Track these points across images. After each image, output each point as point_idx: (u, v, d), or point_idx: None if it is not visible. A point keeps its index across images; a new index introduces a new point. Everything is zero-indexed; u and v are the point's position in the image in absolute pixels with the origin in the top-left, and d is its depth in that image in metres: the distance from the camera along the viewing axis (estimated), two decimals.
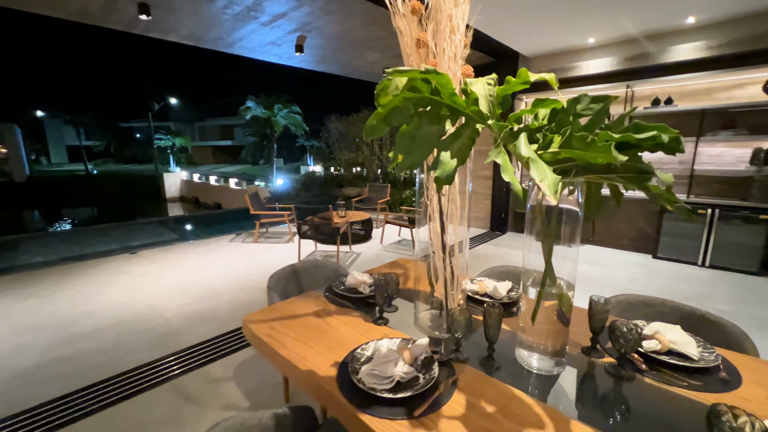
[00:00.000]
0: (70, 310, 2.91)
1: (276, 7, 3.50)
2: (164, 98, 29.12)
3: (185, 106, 36.00)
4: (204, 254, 4.50)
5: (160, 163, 26.55)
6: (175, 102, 30.47)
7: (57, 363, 2.18)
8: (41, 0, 3.27)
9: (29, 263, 4.43)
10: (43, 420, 1.71)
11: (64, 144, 38.01)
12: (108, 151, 36.89)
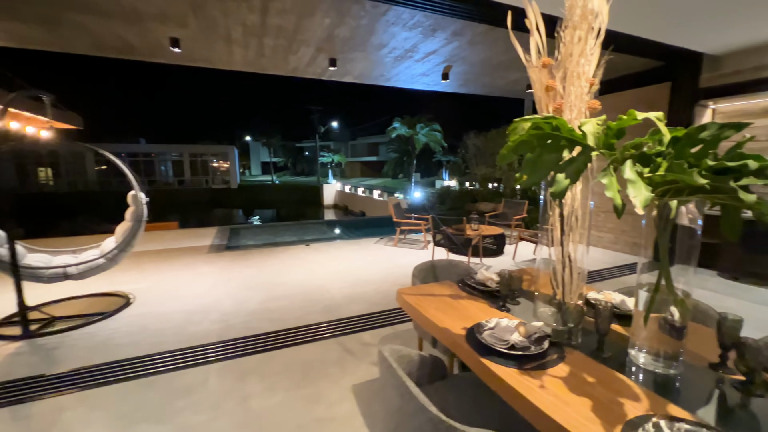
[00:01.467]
0: (272, 278, 4.13)
1: (429, 47, 4.12)
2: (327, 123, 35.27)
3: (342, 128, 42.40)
4: (355, 251, 5.47)
5: (321, 175, 32.14)
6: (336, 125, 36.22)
7: (268, 311, 3.20)
8: (273, 65, 4.83)
9: (245, 245, 6.31)
10: (263, 343, 2.61)
11: (260, 160, 49.98)
12: (286, 165, 46.83)
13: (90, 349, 2.53)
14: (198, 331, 2.80)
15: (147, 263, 4.74)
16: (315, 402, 1.95)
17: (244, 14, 3.28)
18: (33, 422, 1.80)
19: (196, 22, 3.45)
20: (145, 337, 2.69)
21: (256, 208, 25.55)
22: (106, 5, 3.11)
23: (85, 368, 2.28)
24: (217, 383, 2.13)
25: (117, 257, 3.39)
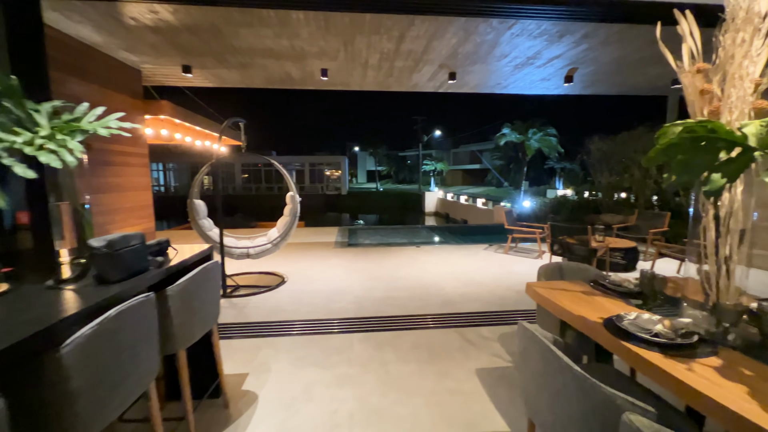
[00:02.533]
0: (391, 273, 4.62)
1: (553, 52, 4.08)
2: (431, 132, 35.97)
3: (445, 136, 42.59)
4: (465, 256, 5.63)
5: (422, 183, 32.86)
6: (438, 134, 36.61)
7: (392, 298, 3.64)
8: (398, 83, 5.41)
9: (363, 243, 7.09)
10: (391, 323, 3.03)
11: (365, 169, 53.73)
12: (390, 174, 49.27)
13: (267, 310, 3.35)
14: (339, 307, 3.40)
15: (291, 252, 5.80)
16: (444, 376, 2.24)
17: (383, 44, 3.86)
18: (241, 353, 2.54)
19: (344, 55, 4.20)
20: (301, 307, 3.41)
21: (361, 213, 27.68)
22: (283, 50, 4.07)
23: (267, 322, 3.05)
24: (360, 348, 2.60)
25: (279, 244, 4.33)
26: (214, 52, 4.19)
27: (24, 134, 1.36)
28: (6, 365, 0.82)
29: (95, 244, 1.25)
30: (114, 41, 3.89)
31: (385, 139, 46.02)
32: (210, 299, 1.70)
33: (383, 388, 2.12)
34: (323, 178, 34.99)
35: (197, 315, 1.56)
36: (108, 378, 1.03)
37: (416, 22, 3.26)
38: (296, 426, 1.79)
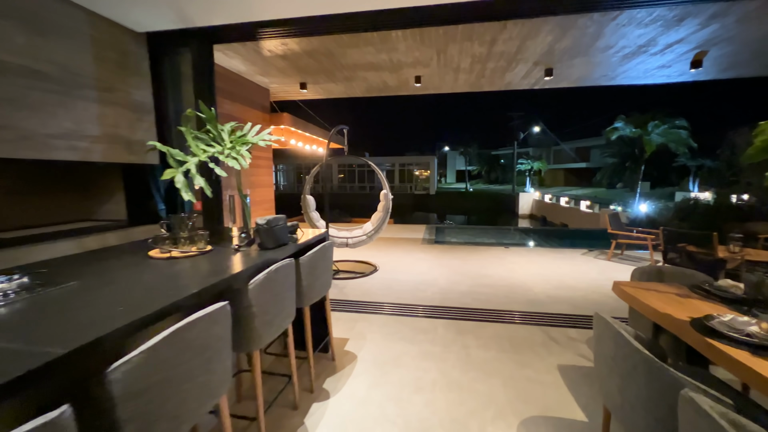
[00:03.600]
0: (477, 271, 4.72)
1: (671, 37, 3.65)
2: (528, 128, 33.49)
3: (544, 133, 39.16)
4: (558, 259, 5.35)
5: (517, 183, 30.89)
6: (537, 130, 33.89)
7: (476, 293, 3.78)
8: (490, 84, 5.45)
9: (450, 241, 7.24)
10: (474, 314, 3.20)
11: (455, 168, 52.77)
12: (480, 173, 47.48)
13: (362, 291, 3.85)
14: (425, 296, 3.71)
15: (381, 245, 6.33)
16: (523, 366, 2.35)
17: (475, 49, 4.01)
18: (342, 323, 3.04)
19: (437, 62, 4.47)
20: (391, 292, 3.81)
21: (449, 213, 27.44)
22: (382, 63, 4.55)
23: (362, 301, 3.53)
24: (443, 332, 2.86)
25: (373, 236, 4.84)
26: (326, 70, 4.90)
27: (217, 147, 2.00)
28: (224, 291, 1.34)
29: (260, 221, 1.79)
30: (253, 68, 4.90)
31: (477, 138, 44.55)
32: (326, 270, 2.17)
33: (463, 366, 2.34)
34: (412, 178, 35.70)
35: (318, 281, 2.04)
36: (271, 309, 1.52)
37: (508, 26, 3.33)
38: (387, 382, 2.15)
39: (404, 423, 1.80)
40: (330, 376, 2.23)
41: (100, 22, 2.88)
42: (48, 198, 3.06)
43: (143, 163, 3.33)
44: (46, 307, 1.06)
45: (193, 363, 1.01)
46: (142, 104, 3.30)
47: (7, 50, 2.26)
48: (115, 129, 3.03)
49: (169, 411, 0.94)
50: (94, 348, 0.85)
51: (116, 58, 3.03)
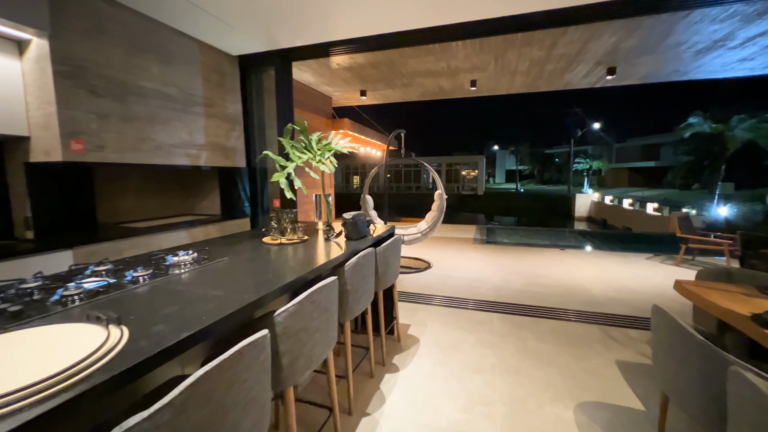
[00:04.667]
0: (532, 271, 4.76)
1: (753, 31, 3.43)
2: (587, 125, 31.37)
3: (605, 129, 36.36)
4: (619, 263, 5.18)
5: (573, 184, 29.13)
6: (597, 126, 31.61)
7: (531, 291, 3.87)
8: (547, 84, 5.42)
9: (502, 242, 7.25)
10: (530, 310, 3.31)
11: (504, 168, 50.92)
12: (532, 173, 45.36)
13: (418, 285, 4.12)
14: (480, 291, 3.88)
15: (434, 244, 6.54)
16: (580, 359, 2.46)
17: (534, 53, 4.09)
18: (404, 311, 3.32)
19: (494, 66, 4.60)
20: (447, 287, 4.03)
21: (498, 214, 26.66)
22: (440, 70, 4.78)
23: (419, 294, 3.80)
24: (500, 324, 3.03)
25: (427, 235, 5.09)
26: (385, 78, 5.25)
27: (309, 154, 2.40)
28: (331, 270, 1.69)
29: (347, 217, 2.14)
30: (321, 80, 5.39)
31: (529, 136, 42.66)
32: (396, 260, 2.47)
33: (521, 355, 2.51)
34: (459, 178, 35.19)
35: (390, 269, 2.35)
36: (359, 288, 1.85)
37: (569, 29, 3.38)
38: (449, 363, 2.40)
39: (467, 396, 2.04)
40: (397, 354, 2.53)
41: (207, 50, 3.47)
42: (161, 196, 3.73)
43: (234, 167, 3.91)
44: (219, 273, 1.47)
45: (319, 319, 1.35)
46: (234, 116, 3.87)
47: (146, 78, 2.87)
48: (215, 138, 3.61)
49: (305, 353, 1.29)
50: (263, 300, 1.21)
51: (217, 78, 3.62)
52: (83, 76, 2.42)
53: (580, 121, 32.18)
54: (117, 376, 0.71)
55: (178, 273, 1.43)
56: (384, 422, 1.82)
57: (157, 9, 2.77)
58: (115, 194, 3.26)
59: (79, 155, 2.40)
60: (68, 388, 0.66)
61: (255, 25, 3.10)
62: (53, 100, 2.26)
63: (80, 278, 1.26)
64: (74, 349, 0.76)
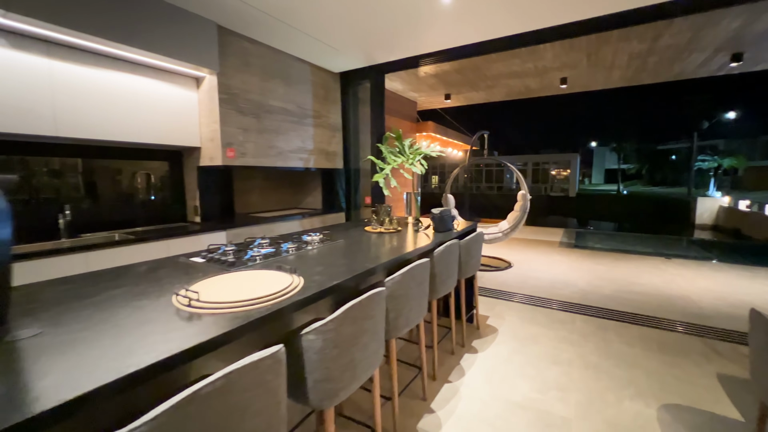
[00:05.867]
0: (624, 278, 4.46)
1: None
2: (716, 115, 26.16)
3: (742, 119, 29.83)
4: (743, 278, 4.49)
5: (694, 186, 24.67)
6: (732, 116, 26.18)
7: (621, 298, 3.68)
8: (652, 76, 4.95)
9: (593, 247, 6.76)
10: (619, 316, 3.20)
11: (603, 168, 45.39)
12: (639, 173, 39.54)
13: (497, 282, 4.23)
14: (562, 293, 3.84)
15: (514, 245, 6.46)
16: (672, 366, 2.38)
17: (633, 47, 3.86)
18: (482, 304, 3.51)
19: (587, 63, 4.44)
20: (527, 286, 4.07)
21: (594, 219, 24.02)
22: (526, 70, 4.79)
23: (498, 290, 3.93)
24: (582, 325, 3.03)
25: (508, 234, 5.12)
26: (470, 82, 5.42)
27: (402, 158, 2.78)
28: (421, 255, 2.04)
29: (435, 211, 2.47)
30: (408, 87, 5.82)
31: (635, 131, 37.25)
32: (477, 253, 2.71)
33: (602, 354, 2.53)
34: (547, 178, 32.61)
35: (472, 260, 2.60)
36: (445, 272, 2.16)
37: (676, 20, 3.14)
38: (527, 352, 2.56)
39: (542, 381, 2.19)
40: (476, 339, 2.77)
41: (316, 71, 4.13)
42: (276, 192, 4.54)
43: (334, 168, 4.54)
44: (340, 249, 1.94)
45: (416, 290, 1.71)
46: (335, 125, 4.50)
47: (274, 98, 3.60)
48: (321, 144, 4.27)
49: (404, 314, 1.66)
50: (377, 269, 1.61)
51: (323, 93, 4.27)
52: (235, 101, 3.20)
53: (705, 111, 26.99)
54: (303, 300, 1.16)
55: (312, 248, 1.93)
56: (463, 390, 2.10)
57: (284, 42, 3.46)
58: (246, 190, 4.12)
59: (232, 160, 3.19)
60: (281, 301, 1.12)
61: (357, 47, 3.62)
62: (218, 119, 3.06)
63: (254, 247, 1.83)
64: (276, 282, 1.24)
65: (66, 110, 2.32)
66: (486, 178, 33.83)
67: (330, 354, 1.10)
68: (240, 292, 1.14)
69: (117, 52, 2.50)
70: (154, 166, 3.28)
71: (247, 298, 1.09)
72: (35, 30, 2.11)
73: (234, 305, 1.05)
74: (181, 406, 0.66)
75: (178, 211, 3.42)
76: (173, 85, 2.95)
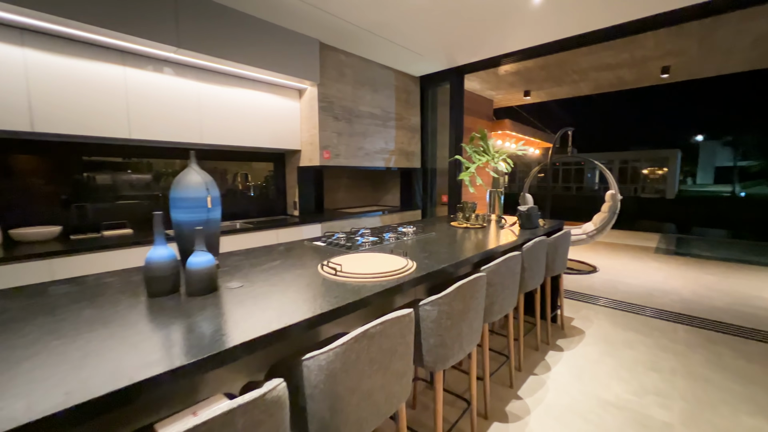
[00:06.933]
0: (742, 291, 3.90)
1: None
2: None
3: None
4: None
5: None
6: None
7: (738, 312, 3.26)
8: None
9: (698, 254, 5.96)
10: (731, 331, 2.86)
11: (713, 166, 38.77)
12: (764, 172, 32.95)
13: (581, 286, 4.04)
14: (661, 301, 3.53)
15: (600, 249, 6.00)
16: None
17: (760, 26, 3.38)
18: (566, 306, 3.41)
19: (697, 49, 3.98)
20: (617, 292, 3.82)
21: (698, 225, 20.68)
22: (621, 62, 4.46)
23: (582, 293, 3.76)
24: (686, 335, 2.78)
25: (594, 237, 4.82)
26: (553, 77, 5.21)
27: (487, 156, 2.87)
28: (508, 250, 2.13)
29: (521, 209, 2.53)
30: (485, 86, 5.80)
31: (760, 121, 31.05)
32: (564, 252, 2.68)
33: (713, 366, 2.33)
34: (637, 178, 28.95)
35: (558, 258, 2.59)
36: (533, 268, 2.22)
37: None
38: (619, 355, 2.46)
39: (639, 385, 2.11)
40: (561, 339, 2.73)
41: (400, 76, 4.39)
42: (358, 190, 4.90)
43: (412, 167, 4.76)
44: (434, 241, 2.12)
45: (509, 280, 1.82)
46: (414, 126, 4.71)
47: (363, 104, 3.93)
48: (401, 144, 4.51)
49: (499, 300, 1.77)
50: (473, 257, 1.76)
51: (404, 97, 4.51)
52: (331, 108, 3.59)
53: None
54: (420, 277, 1.37)
55: (408, 238, 2.15)
56: (550, 383, 2.14)
57: (373, 52, 3.76)
58: (334, 188, 4.55)
59: (327, 161, 3.58)
60: (404, 276, 1.34)
61: (439, 52, 3.78)
62: (317, 125, 3.47)
63: (359, 236, 2.11)
64: (394, 263, 1.47)
65: (208, 123, 2.89)
66: (563, 178, 31.29)
67: (444, 324, 1.29)
68: (369, 268, 1.39)
69: (240, 72, 3.01)
70: (261, 167, 3.83)
71: (378, 272, 1.33)
72: (195, 62, 2.68)
73: (370, 276, 1.30)
74: (358, 339, 0.90)
75: (280, 205, 3.94)
76: (281, 96, 3.43)
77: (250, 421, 0.63)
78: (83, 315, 0.95)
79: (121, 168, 2.82)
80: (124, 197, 2.85)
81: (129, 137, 2.46)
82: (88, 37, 2.22)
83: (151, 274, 1.07)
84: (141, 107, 2.51)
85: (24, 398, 0.60)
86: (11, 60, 2.02)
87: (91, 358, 0.73)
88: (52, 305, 1.03)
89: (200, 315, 0.96)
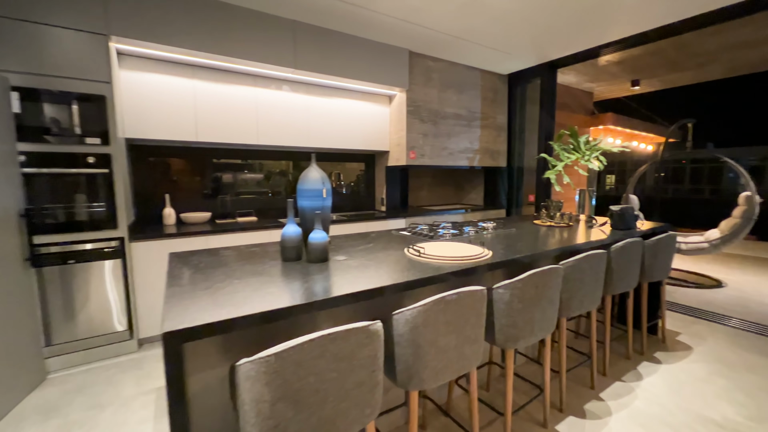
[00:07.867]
0: None
1: None
2: None
3: None
4: None
5: None
6: None
7: None
8: None
9: None
10: None
11: None
12: None
13: (699, 301, 3.52)
14: None
15: (729, 261, 5.04)
16: None
17: None
18: (672, 320, 3.04)
19: None
20: (748, 311, 3.24)
21: None
22: (762, 38, 3.72)
23: (699, 309, 3.29)
24: None
25: (718, 246, 4.11)
26: (670, 63, 4.58)
27: (577, 154, 2.78)
28: (591, 249, 2.08)
29: (614, 209, 2.41)
30: (583, 78, 5.38)
31: None
32: (666, 257, 2.44)
33: None
34: None
35: (658, 263, 2.38)
36: (622, 269, 2.11)
37: None
38: (734, 377, 2.17)
39: (758, 410, 1.86)
40: (659, 351, 2.50)
41: (486, 75, 4.41)
42: (441, 189, 5.04)
43: (498, 166, 4.73)
44: (514, 236, 2.21)
45: (589, 278, 1.82)
46: (501, 125, 4.67)
47: (449, 105, 4.08)
48: (486, 144, 4.53)
49: (578, 297, 1.79)
50: (551, 252, 1.81)
51: (491, 96, 4.52)
52: (418, 112, 3.84)
53: None
54: (495, 263, 1.52)
55: (487, 233, 2.27)
56: (639, 391, 2.02)
57: (459, 55, 3.89)
58: (417, 187, 4.79)
59: (413, 161, 3.84)
60: (481, 261, 1.51)
61: (528, 48, 3.71)
62: (404, 128, 3.76)
63: (440, 228, 2.31)
64: (471, 250, 1.64)
65: (314, 130, 3.41)
66: (692, 179, 26.06)
67: (515, 306, 1.42)
68: (448, 252, 1.59)
69: (339, 84, 3.45)
70: (354, 167, 4.29)
71: (458, 255, 1.52)
72: (306, 78, 3.22)
73: (449, 258, 1.50)
74: (436, 302, 1.12)
75: (368, 201, 4.35)
76: (373, 103, 3.81)
77: (358, 341, 0.91)
78: (245, 268, 1.37)
79: (240, 168, 3.52)
80: (245, 192, 3.54)
81: (257, 143, 3.10)
82: (232, 67, 2.88)
83: (285, 245, 1.45)
84: (266, 118, 3.13)
85: (228, 307, 0.97)
86: (187, 89, 2.76)
87: (257, 292, 1.10)
88: (225, 261, 1.49)
89: (320, 275, 1.29)
